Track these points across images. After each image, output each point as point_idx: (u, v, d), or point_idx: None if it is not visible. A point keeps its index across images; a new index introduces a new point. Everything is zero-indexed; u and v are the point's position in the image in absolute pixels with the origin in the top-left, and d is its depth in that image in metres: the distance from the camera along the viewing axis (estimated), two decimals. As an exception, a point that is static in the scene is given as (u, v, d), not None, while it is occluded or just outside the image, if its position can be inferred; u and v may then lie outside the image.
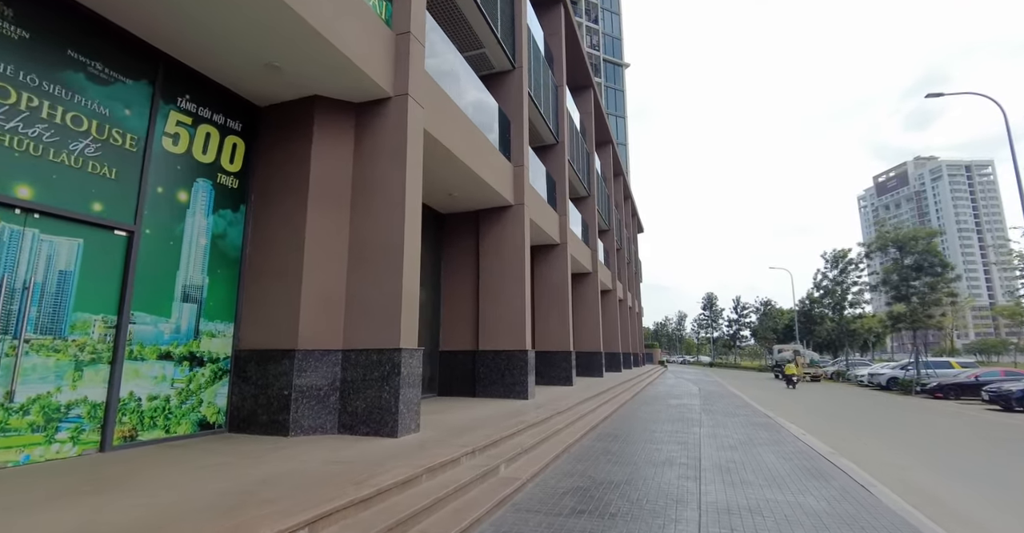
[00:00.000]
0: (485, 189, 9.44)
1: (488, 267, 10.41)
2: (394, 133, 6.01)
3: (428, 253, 10.61)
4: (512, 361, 9.78)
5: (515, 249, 10.27)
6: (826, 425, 10.32)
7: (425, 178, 8.63)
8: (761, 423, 9.56)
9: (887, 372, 22.58)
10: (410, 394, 5.55)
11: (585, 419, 8.78)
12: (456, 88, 8.13)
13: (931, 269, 19.77)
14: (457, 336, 10.46)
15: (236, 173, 5.98)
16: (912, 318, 19.86)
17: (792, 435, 8.20)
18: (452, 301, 10.65)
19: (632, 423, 9.27)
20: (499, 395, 9.75)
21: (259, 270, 5.91)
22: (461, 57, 8.61)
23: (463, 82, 8.59)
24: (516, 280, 10.14)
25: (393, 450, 4.66)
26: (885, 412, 13.55)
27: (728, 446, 7.02)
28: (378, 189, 5.98)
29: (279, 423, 5.38)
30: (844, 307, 29.65)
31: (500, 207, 10.49)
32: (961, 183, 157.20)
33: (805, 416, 11.83)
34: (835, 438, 8.45)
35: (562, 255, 14.29)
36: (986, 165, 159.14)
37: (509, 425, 6.27)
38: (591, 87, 20.69)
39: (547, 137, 14.66)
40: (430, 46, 7.40)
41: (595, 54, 48.15)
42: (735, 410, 11.82)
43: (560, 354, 13.72)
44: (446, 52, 7.96)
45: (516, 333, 9.91)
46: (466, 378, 10.17)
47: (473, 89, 8.98)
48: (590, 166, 20.05)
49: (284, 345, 5.56)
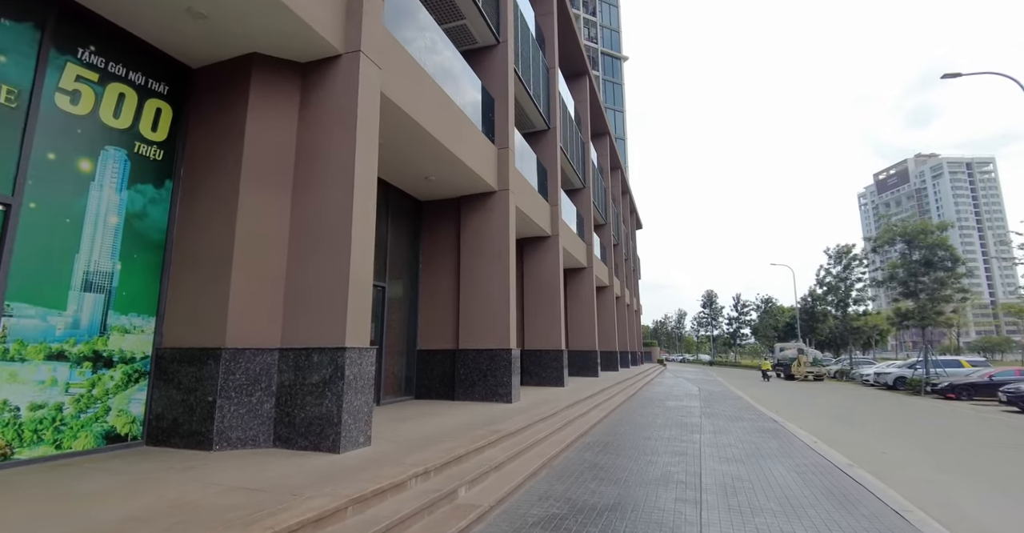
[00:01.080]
0: (465, 172, 8.59)
1: (470, 258, 9.56)
2: (344, 95, 5.16)
3: (405, 244, 9.76)
4: (495, 361, 8.94)
5: (499, 238, 9.42)
6: (838, 430, 9.48)
7: (395, 158, 7.79)
8: (767, 429, 8.72)
9: (894, 371, 21.76)
10: (358, 401, 4.71)
11: (573, 425, 7.94)
12: (430, 58, 7.27)
13: (941, 264, 18.92)
14: (436, 333, 9.61)
15: (161, 143, 5.12)
16: (921, 315, 19.01)
17: (803, 443, 7.37)
18: (431, 296, 9.80)
19: (626, 429, 8.44)
20: (480, 398, 8.91)
21: (188, 256, 5.06)
22: (433, 21, 7.74)
23: (439, 52, 7.73)
24: (500, 272, 9.30)
25: (326, 471, 3.82)
26: (897, 414, 12.72)
27: (733, 458, 6.18)
28: (324, 160, 5.13)
29: (201, 435, 4.53)
30: (848, 304, 28.80)
31: (483, 193, 9.63)
32: (962, 180, 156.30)
33: (813, 419, 11.00)
34: (850, 446, 7.61)
35: (554, 248, 13.44)
36: (987, 162, 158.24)
37: (480, 435, 5.43)
38: (586, 74, 19.81)
39: (538, 122, 13.80)
40: (398, 6, 6.55)
41: (593, 46, 47.19)
42: (738, 413, 10.99)
43: (551, 353, 12.88)
44: (416, 11, 7.10)
45: (499, 330, 9.06)
46: (445, 379, 9.32)
47: (450, 60, 8.11)
48: (585, 156, 19.19)
49: (210, 343, 4.71)
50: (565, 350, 13.14)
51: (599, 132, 24.51)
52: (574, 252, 16.26)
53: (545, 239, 13.49)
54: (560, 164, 14.87)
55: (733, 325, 64.19)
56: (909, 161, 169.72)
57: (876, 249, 20.97)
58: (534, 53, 12.69)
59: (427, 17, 7.46)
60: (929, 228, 19.27)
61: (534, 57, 12.68)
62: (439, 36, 7.83)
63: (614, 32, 50.65)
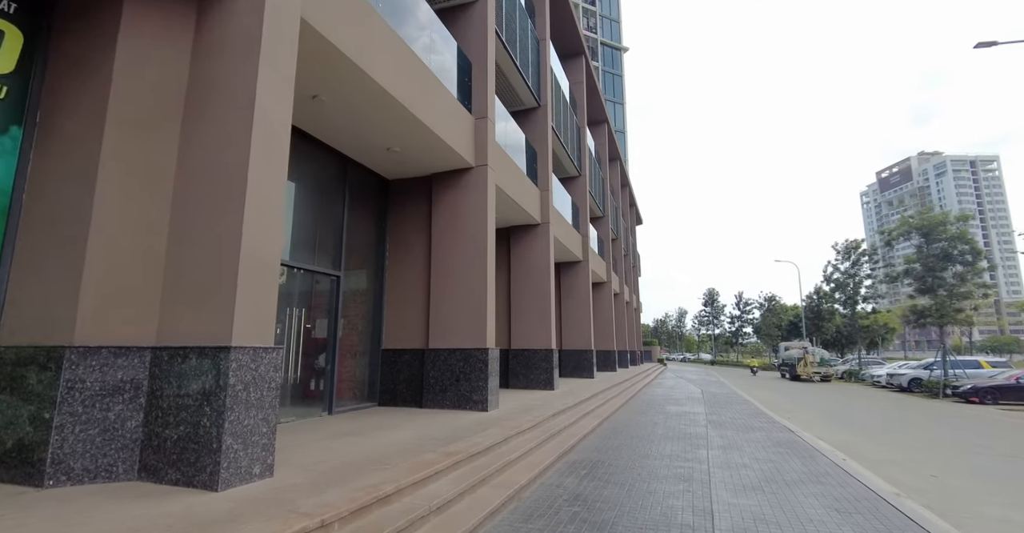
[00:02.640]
0: (434, 143, 7.36)
1: (443, 244, 8.34)
2: (247, 15, 3.93)
3: (368, 229, 8.54)
4: (469, 362, 7.72)
5: (476, 221, 8.19)
6: (863, 441, 8.26)
7: (348, 121, 6.57)
8: (785, 441, 7.50)
9: (908, 372, 20.51)
10: (250, 419, 3.48)
11: (559, 439, 6.72)
12: (387, 4, 6.04)
13: (961, 258, 17.67)
14: (404, 331, 8.38)
15: (5, 76, 3.90)
16: (940, 313, 17.77)
17: (830, 461, 6.14)
18: (398, 288, 8.58)
19: (620, 443, 7.21)
20: (452, 405, 7.69)
21: (40, 224, 3.84)
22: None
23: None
24: (477, 260, 8.07)
25: (179, 525, 2.60)
26: (924, 422, 11.50)
27: (750, 485, 4.96)
28: (218, 97, 3.90)
29: (31, 466, 3.31)
30: (857, 301, 27.55)
31: (457, 170, 8.39)
32: (965, 178, 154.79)
33: (831, 427, 9.78)
34: (885, 464, 6.40)
35: (544, 237, 12.21)
36: (991, 160, 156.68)
37: (428, 461, 4.21)
38: (583, 55, 18.54)
39: (527, 98, 12.55)
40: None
41: (592, 36, 45.83)
42: (748, 420, 9.76)
43: (539, 353, 11.66)
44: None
45: (476, 327, 7.84)
46: (413, 384, 8.10)
47: (412, 4, 6.88)
48: (581, 142, 17.94)
49: (51, 340, 3.49)
50: (556, 350, 11.92)
51: (597, 119, 23.24)
52: (568, 244, 15.03)
53: (534, 227, 12.26)
54: (552, 146, 13.62)
55: (735, 324, 62.90)
56: (912, 159, 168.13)
57: (890, 243, 19.75)
58: (521, 19, 11.44)
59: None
60: (948, 220, 18.03)
61: (521, 24, 11.43)
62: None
63: (614, 22, 49.27)
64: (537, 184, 12.18)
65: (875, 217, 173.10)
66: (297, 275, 6.85)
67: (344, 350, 7.85)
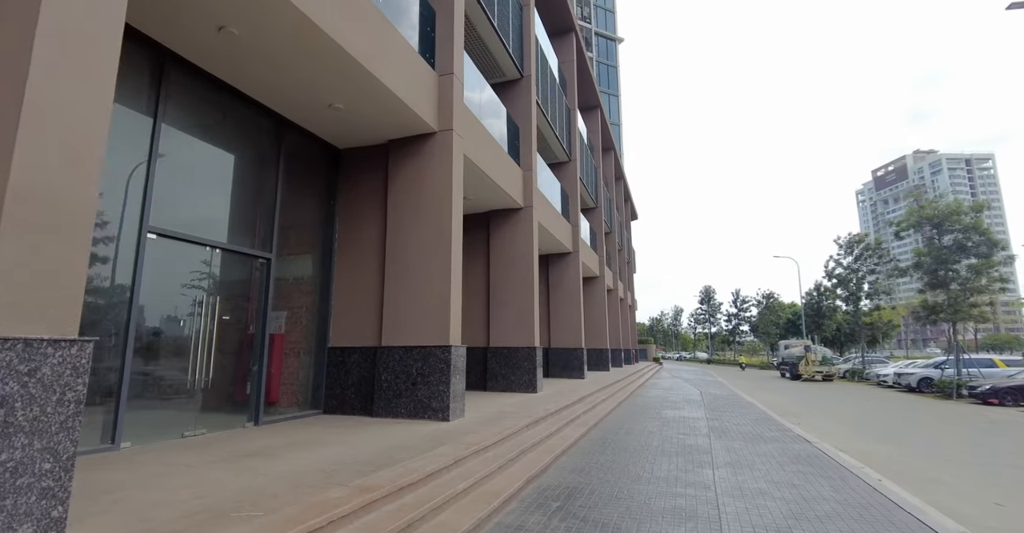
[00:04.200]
0: (386, 99, 6.12)
1: (399, 223, 7.09)
2: None
3: (313, 206, 7.29)
4: (429, 363, 6.48)
5: (438, 196, 6.95)
6: (893, 454, 7.09)
7: (270, 65, 5.31)
8: (803, 455, 6.30)
9: (918, 371, 19.40)
10: (19, 454, 2.22)
11: (531, 455, 5.49)
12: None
13: (976, 249, 16.55)
14: (354, 326, 7.13)
15: None
16: (954, 308, 16.64)
17: (866, 485, 4.95)
18: (349, 275, 7.32)
19: (607, 460, 5.99)
20: (408, 414, 6.45)
21: None
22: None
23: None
24: (439, 242, 6.83)
25: None
26: (950, 427, 10.35)
27: (773, 525, 3.74)
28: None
29: None
30: (860, 298, 26.45)
31: (418, 136, 7.15)
32: (961, 177, 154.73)
33: (849, 434, 8.61)
34: (933, 486, 5.22)
35: (526, 222, 10.98)
36: (986, 158, 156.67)
37: (335, 499, 2.97)
38: (573, 32, 17.32)
39: (508, 68, 11.31)
40: None
41: (587, 27, 44.51)
42: (755, 427, 8.57)
43: (521, 351, 10.43)
44: None
45: (437, 321, 6.60)
46: (363, 388, 6.85)
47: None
48: (571, 125, 16.72)
49: None
50: (539, 347, 10.69)
51: (589, 105, 22.04)
52: (556, 233, 13.81)
53: (516, 211, 11.03)
54: (536, 123, 12.40)
55: (732, 322, 61.81)
56: (908, 157, 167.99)
57: (899, 234, 18.65)
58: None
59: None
60: (962, 209, 16.92)
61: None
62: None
63: (609, 12, 47.97)
64: (520, 164, 10.94)
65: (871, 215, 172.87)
66: (210, 255, 5.58)
67: (282, 348, 6.62)
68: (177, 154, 5.24)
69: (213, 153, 5.77)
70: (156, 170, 4.94)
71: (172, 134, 5.19)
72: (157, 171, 4.95)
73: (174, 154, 5.19)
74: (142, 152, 4.85)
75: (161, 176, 5.01)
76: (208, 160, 5.71)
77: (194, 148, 5.53)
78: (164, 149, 5.03)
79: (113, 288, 4.58)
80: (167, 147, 5.08)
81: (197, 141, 5.55)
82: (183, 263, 5.33)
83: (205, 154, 5.67)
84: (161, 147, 5.00)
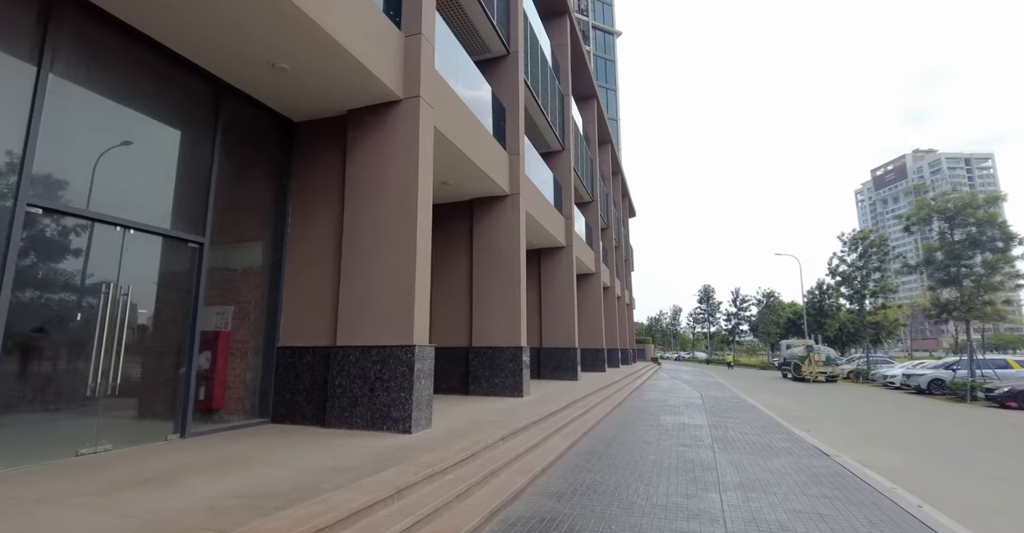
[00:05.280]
0: (338, 58, 5.23)
1: (358, 204, 6.18)
2: None
3: (261, 186, 6.40)
4: (389, 365, 5.58)
5: (402, 173, 6.04)
6: (925, 469, 6.22)
7: (202, 10, 4.41)
8: (824, 473, 5.42)
9: (928, 372, 18.56)
10: None
11: (502, 477, 4.59)
12: None
13: (991, 244, 15.69)
14: (308, 323, 6.23)
15: None
16: (968, 306, 15.78)
17: (909, 515, 4.06)
18: (303, 265, 6.42)
19: (594, 480, 5.11)
20: (365, 425, 5.56)
21: None
22: None
23: None
24: (402, 226, 5.92)
25: None
26: (975, 436, 9.49)
27: (806, 580, 2.85)
28: None
29: None
30: (865, 296, 25.57)
31: (380, 104, 6.24)
32: (960, 176, 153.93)
33: (869, 445, 7.74)
34: (989, 517, 4.34)
35: (512, 211, 10.08)
36: (986, 158, 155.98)
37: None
38: (567, 14, 16.42)
39: (493, 43, 10.41)
40: None
41: (584, 19, 43.58)
42: (764, 436, 7.69)
43: (506, 351, 9.53)
44: None
45: (398, 317, 5.70)
46: (316, 394, 5.95)
47: None
48: (565, 113, 15.83)
49: None
50: (527, 347, 9.80)
51: (585, 94, 21.16)
52: (547, 225, 12.92)
53: (501, 199, 10.12)
54: (526, 105, 11.52)
55: (731, 321, 60.95)
56: (907, 157, 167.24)
57: (909, 229, 17.80)
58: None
59: None
60: (976, 202, 16.07)
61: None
62: None
63: (606, 5, 46.97)
64: (506, 147, 10.05)
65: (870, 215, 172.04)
66: (121, 237, 4.67)
67: (228, 348, 5.74)
68: (72, 114, 4.33)
69: (126, 117, 4.85)
70: (41, 131, 4.03)
71: (66, 89, 4.27)
72: (42, 133, 4.05)
73: (68, 114, 4.28)
74: (19, 108, 3.94)
75: (49, 140, 4.10)
76: (119, 125, 4.79)
77: (98, 108, 4.61)
78: (52, 107, 4.12)
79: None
80: (57, 105, 4.17)
81: (102, 100, 4.63)
82: (85, 246, 4.42)
83: (115, 117, 4.76)
84: (48, 104, 4.08)
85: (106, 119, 4.67)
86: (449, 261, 10.37)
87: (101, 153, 4.58)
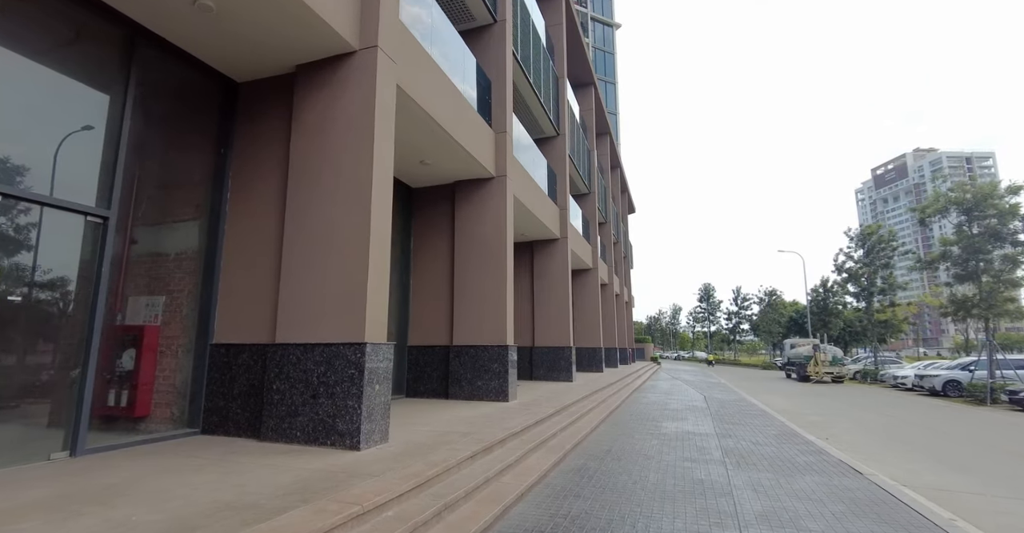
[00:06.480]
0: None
1: (304, 175, 5.21)
2: None
3: (194, 157, 5.44)
4: (335, 366, 4.61)
5: (354, 139, 5.07)
6: (981, 492, 5.27)
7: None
8: (865, 500, 4.47)
9: (943, 373, 17.63)
10: None
11: (462, 511, 3.63)
12: None
13: (1012, 237, 14.75)
14: (245, 317, 5.27)
15: None
16: (988, 302, 14.84)
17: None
18: (240, 249, 5.45)
19: (582, 509, 4.15)
20: (306, 439, 4.60)
21: None
22: None
23: None
24: (355, 203, 4.95)
25: None
26: (1017, 444, 8.54)
27: None
28: None
29: None
30: (873, 293, 24.62)
31: (331, 58, 5.27)
32: (961, 175, 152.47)
33: (900, 458, 6.79)
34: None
35: (499, 195, 9.12)
36: (987, 157, 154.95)
37: None
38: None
39: (477, 10, 9.43)
40: None
41: (582, 11, 42.57)
42: (781, 448, 6.74)
43: (490, 351, 8.57)
44: None
45: (348, 309, 4.73)
46: (252, 399, 4.99)
47: None
48: (560, 95, 14.86)
49: None
50: (514, 346, 8.84)
51: (582, 80, 20.21)
52: (540, 214, 11.97)
53: (487, 181, 9.16)
54: (514, 80, 10.56)
55: (732, 320, 60.01)
56: (908, 155, 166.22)
57: (924, 221, 16.87)
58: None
59: None
60: (997, 192, 15.13)
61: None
62: None
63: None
64: (491, 125, 9.08)
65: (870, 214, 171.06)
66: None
67: (156, 345, 4.80)
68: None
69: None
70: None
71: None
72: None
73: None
74: None
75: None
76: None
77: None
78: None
79: None
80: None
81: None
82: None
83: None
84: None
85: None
86: (428, 251, 9.41)
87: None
